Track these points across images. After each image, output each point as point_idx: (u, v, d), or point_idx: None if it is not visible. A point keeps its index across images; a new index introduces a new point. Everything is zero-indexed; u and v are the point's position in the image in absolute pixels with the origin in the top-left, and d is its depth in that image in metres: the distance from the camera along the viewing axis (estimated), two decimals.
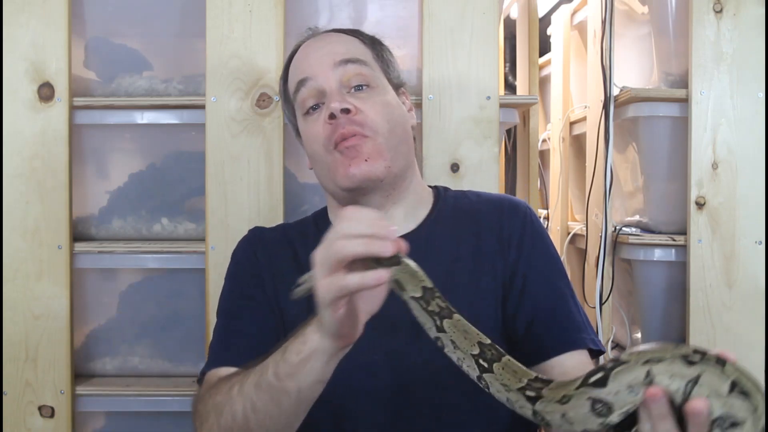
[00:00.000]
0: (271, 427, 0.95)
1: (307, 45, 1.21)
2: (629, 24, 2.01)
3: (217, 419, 0.99)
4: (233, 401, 0.97)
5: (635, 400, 0.70)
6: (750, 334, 1.72)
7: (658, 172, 1.85)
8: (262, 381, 0.93)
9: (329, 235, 0.82)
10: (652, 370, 0.70)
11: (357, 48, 1.19)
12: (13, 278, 1.68)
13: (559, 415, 0.74)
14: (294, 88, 1.17)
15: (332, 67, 1.14)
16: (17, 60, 1.67)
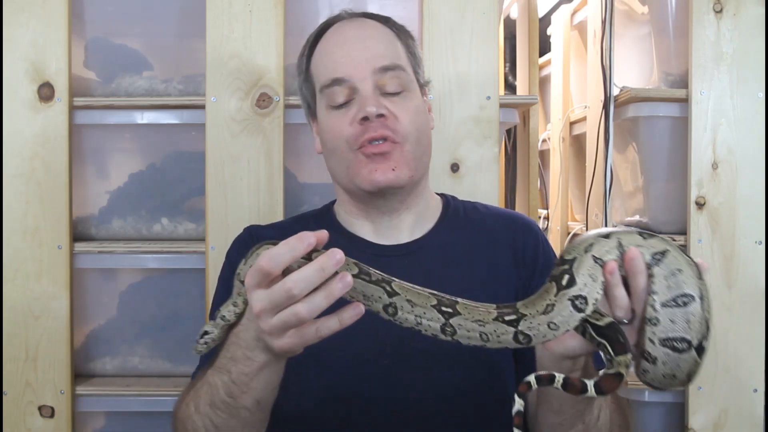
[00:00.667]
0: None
1: (343, 31, 1.17)
2: (629, 24, 2.01)
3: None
4: (193, 419, 0.98)
5: (599, 283, 0.80)
6: (750, 334, 1.72)
7: (658, 172, 1.85)
8: (216, 400, 0.94)
9: (251, 276, 0.82)
10: (594, 254, 0.80)
11: (394, 48, 1.17)
12: (13, 278, 1.68)
13: (546, 326, 0.79)
14: (326, 83, 1.13)
15: (372, 72, 1.11)
16: (17, 60, 1.67)
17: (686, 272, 0.83)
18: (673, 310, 0.83)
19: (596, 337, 0.80)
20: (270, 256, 0.78)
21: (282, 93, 1.65)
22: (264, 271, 0.79)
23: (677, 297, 0.83)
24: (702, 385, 1.72)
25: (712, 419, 1.72)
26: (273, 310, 0.79)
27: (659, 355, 0.82)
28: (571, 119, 2.38)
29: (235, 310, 0.94)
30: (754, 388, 1.72)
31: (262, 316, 0.80)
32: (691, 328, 0.87)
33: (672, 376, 0.85)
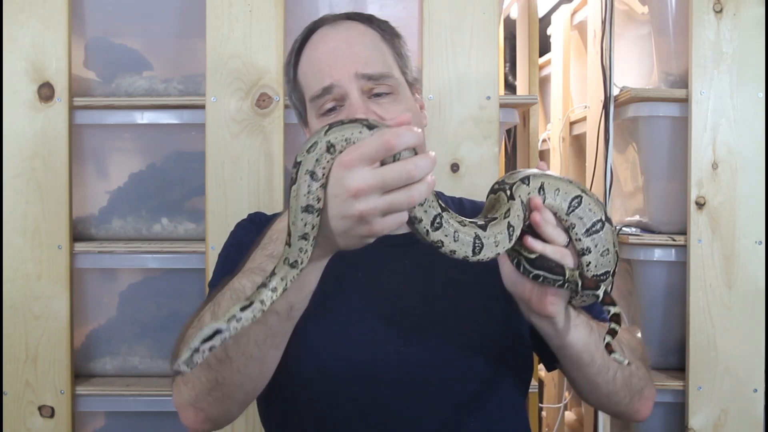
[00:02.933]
0: (255, 352, 0.91)
1: (327, 39, 1.17)
2: (629, 24, 2.01)
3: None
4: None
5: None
6: (750, 334, 1.72)
7: (658, 172, 1.85)
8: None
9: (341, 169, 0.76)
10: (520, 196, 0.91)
11: (380, 52, 1.16)
12: (13, 278, 1.68)
13: (494, 237, 0.87)
14: (316, 93, 1.13)
15: (357, 79, 1.11)
16: (17, 60, 1.67)
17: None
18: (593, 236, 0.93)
19: (531, 269, 0.90)
20: (396, 134, 0.76)
21: (282, 93, 1.65)
22: (388, 146, 0.75)
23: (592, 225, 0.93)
24: (702, 385, 1.73)
25: (712, 419, 1.72)
26: (380, 190, 0.76)
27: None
28: (571, 119, 2.38)
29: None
30: (754, 388, 1.72)
31: (362, 196, 0.76)
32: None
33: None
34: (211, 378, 0.93)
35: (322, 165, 0.78)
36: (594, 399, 1.11)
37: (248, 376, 0.94)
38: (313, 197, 0.78)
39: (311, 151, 0.78)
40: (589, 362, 1.02)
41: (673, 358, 1.83)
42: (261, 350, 0.92)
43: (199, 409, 0.97)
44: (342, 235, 0.80)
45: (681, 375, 1.77)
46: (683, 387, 1.75)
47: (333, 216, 0.79)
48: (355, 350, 1.08)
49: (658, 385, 1.77)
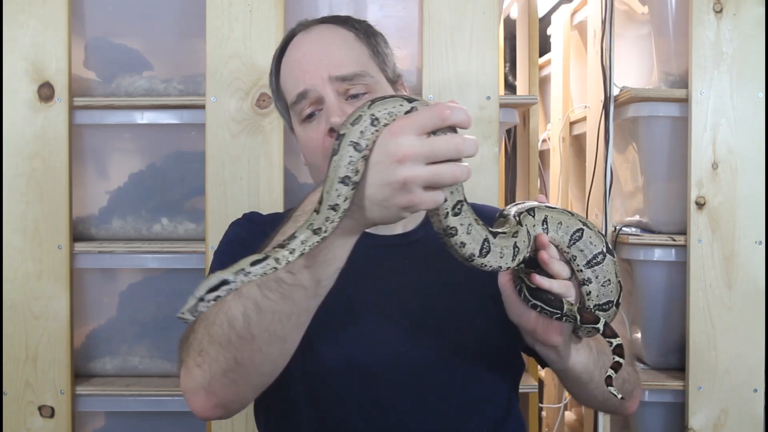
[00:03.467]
0: (278, 329, 0.88)
1: (300, 44, 1.18)
2: (629, 24, 2.01)
3: (207, 331, 0.91)
4: (228, 306, 0.89)
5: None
6: (750, 334, 1.72)
7: (658, 172, 1.85)
8: (268, 278, 0.85)
9: (394, 136, 0.76)
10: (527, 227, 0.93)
11: (354, 52, 1.16)
12: (13, 278, 1.68)
13: (499, 250, 0.88)
14: (293, 99, 1.15)
15: (329, 80, 1.11)
16: (17, 60, 1.67)
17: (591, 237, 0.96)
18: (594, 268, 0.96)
19: (530, 299, 0.93)
20: (451, 108, 0.76)
21: None
22: (442, 116, 0.75)
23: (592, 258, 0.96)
24: (702, 385, 1.73)
25: (712, 419, 1.72)
26: (426, 159, 0.76)
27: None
28: (571, 119, 2.38)
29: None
30: (754, 388, 1.72)
31: (408, 162, 0.75)
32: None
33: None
34: (229, 357, 0.90)
35: (366, 137, 0.78)
36: (590, 404, 1.15)
37: (269, 356, 0.91)
38: (352, 168, 0.78)
39: (356, 123, 0.78)
40: (588, 380, 1.05)
41: (673, 358, 1.83)
42: (284, 328, 0.89)
43: (211, 393, 0.93)
44: (379, 204, 0.79)
45: (681, 375, 1.77)
46: (683, 387, 1.75)
47: (372, 184, 0.78)
48: (354, 350, 1.08)
49: (658, 385, 1.77)
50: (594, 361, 1.03)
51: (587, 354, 1.03)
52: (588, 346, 1.04)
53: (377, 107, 0.78)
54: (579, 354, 1.02)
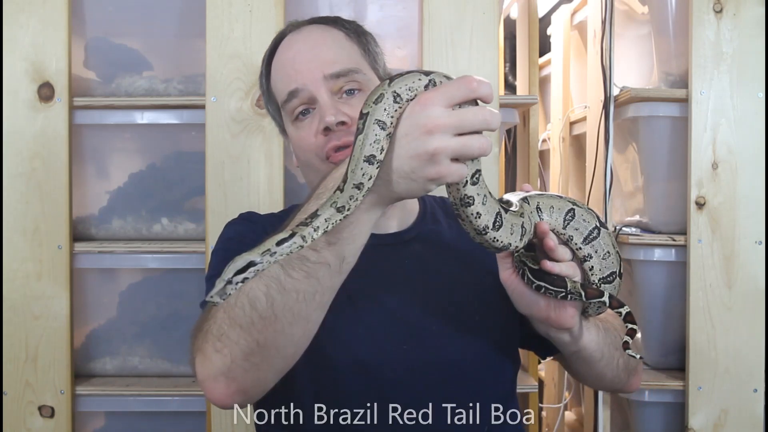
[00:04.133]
0: (302, 309, 0.87)
1: (291, 45, 1.18)
2: (629, 24, 2.01)
3: (228, 314, 0.89)
4: (250, 287, 0.87)
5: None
6: (750, 334, 1.72)
7: (658, 172, 1.85)
8: (293, 257, 0.84)
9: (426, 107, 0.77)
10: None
11: (345, 51, 1.17)
12: (13, 278, 1.68)
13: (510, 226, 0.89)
14: (284, 98, 1.15)
15: (323, 79, 1.11)
16: (17, 60, 1.67)
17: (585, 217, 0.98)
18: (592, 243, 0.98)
19: (534, 281, 0.94)
20: (479, 81, 0.78)
21: None
22: (470, 88, 0.77)
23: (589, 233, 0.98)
24: (702, 385, 1.73)
25: (712, 419, 1.72)
26: (455, 131, 0.77)
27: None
28: (571, 119, 2.38)
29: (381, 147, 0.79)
30: (754, 388, 1.72)
31: (438, 133, 0.76)
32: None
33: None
34: (251, 340, 0.88)
35: (390, 114, 0.79)
36: (598, 385, 1.17)
37: (291, 338, 0.90)
38: (377, 147, 0.78)
39: (378, 102, 0.79)
40: (600, 358, 1.06)
41: (673, 358, 1.83)
42: (308, 307, 0.88)
43: (231, 378, 0.90)
44: (405, 177, 0.79)
45: (681, 375, 1.77)
46: (683, 387, 1.75)
47: (400, 156, 0.78)
48: (358, 349, 1.08)
49: (658, 385, 1.77)
50: (603, 338, 1.05)
51: (596, 331, 1.05)
52: (595, 325, 1.05)
53: (397, 84, 0.79)
54: (590, 332, 1.03)
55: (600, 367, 1.09)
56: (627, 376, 1.15)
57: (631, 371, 1.15)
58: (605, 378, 1.12)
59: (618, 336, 1.07)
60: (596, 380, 1.15)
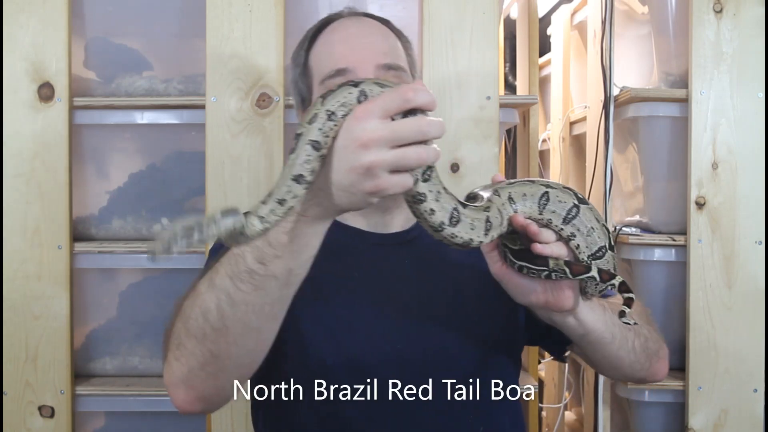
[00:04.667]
0: (253, 320, 0.89)
1: (346, 26, 1.17)
2: (629, 24, 2.01)
3: (184, 325, 0.92)
4: (203, 299, 0.90)
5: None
6: (750, 334, 1.72)
7: (658, 172, 1.85)
8: (240, 271, 0.86)
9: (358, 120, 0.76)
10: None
11: (396, 48, 1.18)
12: (13, 278, 1.68)
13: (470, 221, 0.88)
14: (328, 73, 1.12)
15: (375, 68, 1.11)
16: (17, 60, 1.67)
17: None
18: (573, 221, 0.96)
19: (515, 261, 0.94)
20: (414, 89, 0.75)
21: (282, 93, 1.65)
22: (405, 98, 0.75)
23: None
24: (702, 385, 1.73)
25: (712, 419, 1.72)
26: (391, 143, 0.75)
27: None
28: (571, 119, 2.38)
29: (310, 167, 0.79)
30: (754, 388, 1.72)
31: (373, 147, 0.75)
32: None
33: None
34: (205, 350, 0.91)
35: (325, 133, 0.78)
36: (618, 373, 1.14)
37: (244, 348, 0.91)
38: (308, 168, 0.77)
39: (312, 122, 0.78)
40: (611, 340, 1.04)
41: (673, 358, 1.82)
42: (258, 319, 0.89)
43: (190, 386, 0.94)
44: (346, 191, 0.78)
45: (681, 375, 1.77)
46: (683, 387, 1.75)
47: (338, 169, 0.77)
48: (353, 349, 1.08)
49: (658, 385, 1.77)
50: (611, 319, 1.03)
51: (602, 311, 1.03)
52: (601, 305, 1.03)
53: (329, 101, 0.78)
54: (595, 313, 1.01)
55: (613, 350, 1.06)
56: (648, 361, 1.12)
57: (652, 356, 1.12)
58: (623, 363, 1.09)
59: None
60: (614, 368, 1.12)
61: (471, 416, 1.09)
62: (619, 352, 1.07)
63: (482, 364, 1.12)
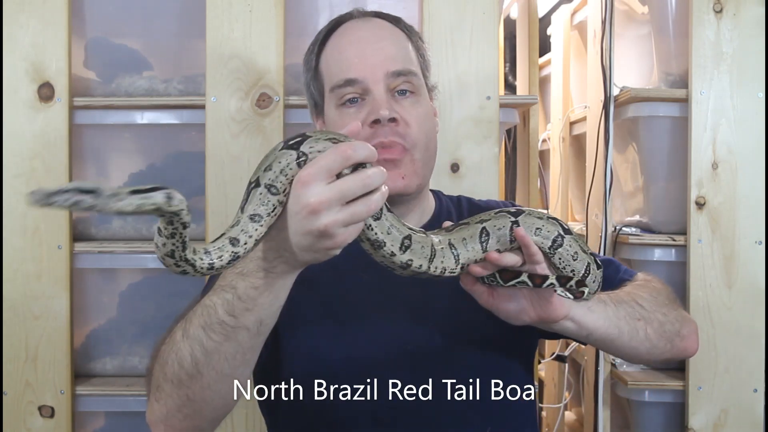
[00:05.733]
0: (225, 368, 0.93)
1: (355, 31, 1.17)
2: (629, 24, 2.01)
3: (162, 369, 0.96)
4: (178, 347, 0.94)
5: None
6: (750, 334, 1.72)
7: (658, 172, 1.85)
8: (212, 322, 0.90)
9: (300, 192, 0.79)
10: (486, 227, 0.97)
11: (406, 51, 1.17)
12: (13, 278, 1.68)
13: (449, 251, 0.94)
14: (338, 83, 1.13)
15: (385, 75, 1.12)
16: (17, 60, 1.67)
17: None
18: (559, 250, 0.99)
19: (485, 281, 0.97)
20: (352, 147, 0.78)
21: (282, 93, 1.65)
22: (345, 157, 0.78)
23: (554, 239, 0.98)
24: (702, 385, 1.73)
25: (712, 419, 1.72)
26: (339, 202, 0.78)
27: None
28: (571, 119, 2.38)
29: (258, 226, 0.83)
30: (754, 388, 1.72)
31: (323, 211, 0.78)
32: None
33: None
34: (182, 394, 0.95)
35: (268, 211, 0.82)
36: (639, 359, 1.15)
37: (218, 393, 0.95)
38: (246, 247, 0.83)
39: (252, 201, 0.83)
40: (618, 334, 1.04)
41: None
42: (230, 366, 0.93)
43: (170, 426, 0.99)
44: (307, 250, 0.82)
45: (681, 375, 1.77)
46: (683, 387, 1.75)
47: (295, 233, 0.81)
48: (356, 349, 1.09)
49: (658, 385, 1.77)
50: (614, 313, 1.03)
51: (603, 309, 1.03)
52: (602, 301, 1.03)
53: (267, 176, 0.82)
54: (594, 312, 1.01)
55: (624, 343, 1.06)
56: (668, 344, 1.10)
57: (672, 337, 1.10)
58: (639, 352, 1.09)
59: (637, 307, 1.06)
60: (635, 356, 1.11)
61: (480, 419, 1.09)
62: (631, 343, 1.06)
63: (493, 364, 1.11)
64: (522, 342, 1.16)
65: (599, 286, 1.03)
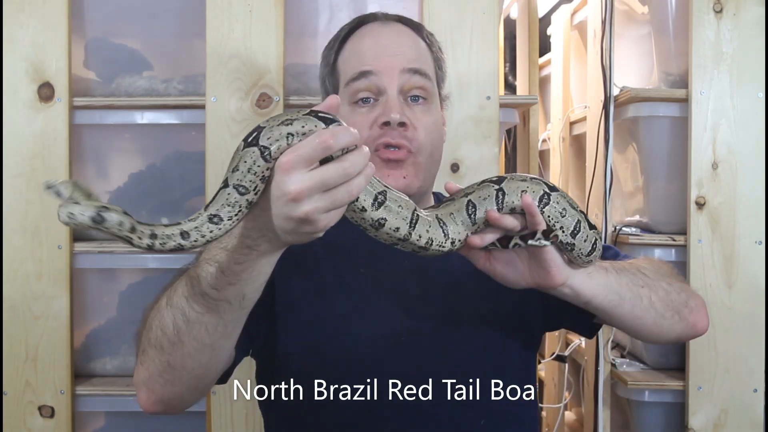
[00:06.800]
0: (205, 338, 0.94)
1: (376, 32, 1.18)
2: (629, 24, 2.01)
3: (147, 334, 0.98)
4: (162, 315, 0.96)
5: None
6: (750, 334, 1.72)
7: (658, 172, 1.85)
8: (195, 293, 0.91)
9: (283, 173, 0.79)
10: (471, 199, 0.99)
11: (425, 57, 1.19)
12: (13, 278, 1.68)
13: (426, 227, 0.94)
14: (353, 76, 1.15)
15: (399, 73, 1.13)
16: (17, 60, 1.67)
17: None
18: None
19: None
20: (333, 134, 0.78)
21: (282, 93, 1.65)
22: (326, 146, 0.77)
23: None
24: (702, 385, 1.73)
25: (712, 419, 1.72)
26: (320, 190, 0.78)
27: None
28: (571, 119, 2.38)
29: (233, 211, 0.83)
30: (754, 388, 1.72)
31: (304, 199, 0.78)
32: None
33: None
34: (163, 360, 0.97)
35: (233, 215, 0.82)
36: (648, 333, 1.11)
37: (198, 361, 0.97)
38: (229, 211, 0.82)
39: (225, 207, 0.82)
40: (620, 300, 1.04)
41: (673, 358, 1.83)
42: (212, 338, 0.94)
43: (151, 390, 1.00)
44: (289, 233, 0.82)
45: (681, 375, 1.77)
46: (683, 387, 1.75)
47: (277, 216, 0.81)
48: (358, 345, 1.09)
49: (658, 385, 1.77)
50: (615, 280, 1.03)
51: (604, 275, 1.02)
52: (603, 268, 1.03)
53: (234, 178, 0.81)
54: (593, 278, 1.01)
55: (626, 311, 1.05)
56: (676, 314, 1.09)
57: (680, 308, 1.09)
58: (646, 322, 1.07)
59: (640, 275, 1.06)
60: (643, 327, 1.09)
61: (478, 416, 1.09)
62: (635, 311, 1.05)
63: (491, 359, 1.11)
64: (523, 341, 1.16)
65: (597, 251, 1.01)
